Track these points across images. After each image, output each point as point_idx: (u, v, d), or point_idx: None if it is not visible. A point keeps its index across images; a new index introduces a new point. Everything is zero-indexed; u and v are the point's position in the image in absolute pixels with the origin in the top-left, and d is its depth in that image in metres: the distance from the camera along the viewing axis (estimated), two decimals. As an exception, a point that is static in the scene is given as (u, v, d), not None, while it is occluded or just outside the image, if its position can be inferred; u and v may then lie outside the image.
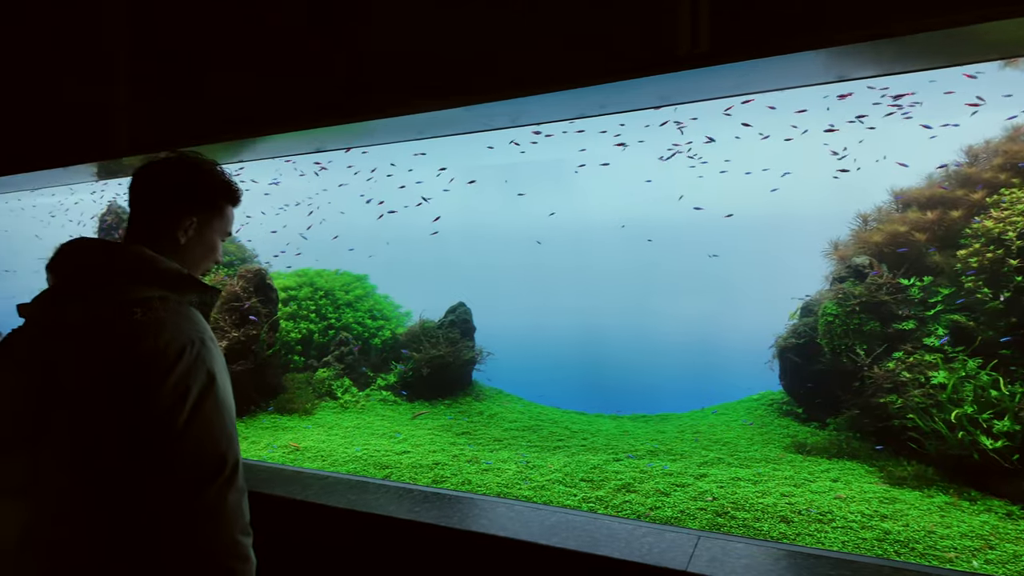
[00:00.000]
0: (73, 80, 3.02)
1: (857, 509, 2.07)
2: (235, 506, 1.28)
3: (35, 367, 1.32)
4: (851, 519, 2.03)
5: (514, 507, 2.28)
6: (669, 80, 1.85)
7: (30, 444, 1.29)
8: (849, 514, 2.05)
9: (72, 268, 1.46)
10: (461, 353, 3.39)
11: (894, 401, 2.45)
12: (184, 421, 1.22)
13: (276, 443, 3.00)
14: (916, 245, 2.78)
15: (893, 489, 2.25)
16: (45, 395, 1.30)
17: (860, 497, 2.17)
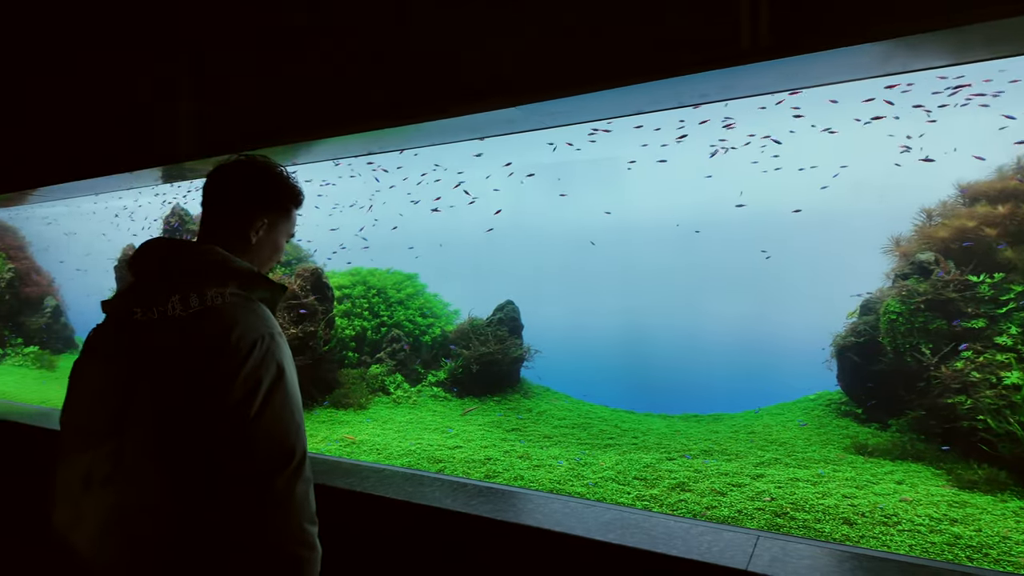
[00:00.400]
0: (143, 88, 3.18)
1: (924, 512, 2.01)
2: (303, 496, 1.33)
3: (119, 362, 1.40)
4: (918, 522, 1.97)
5: (568, 503, 2.29)
6: (729, 75, 1.84)
7: (117, 435, 1.38)
8: (916, 517, 1.99)
9: (151, 266, 1.55)
10: (509, 351, 3.42)
11: (963, 402, 2.36)
12: (255, 413, 1.27)
13: (333, 436, 3.09)
14: (985, 240, 2.67)
15: (963, 492, 2.17)
16: (129, 388, 1.38)
17: (927, 500, 2.10)
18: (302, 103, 2.66)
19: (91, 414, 1.41)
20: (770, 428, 2.89)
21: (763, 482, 2.34)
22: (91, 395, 1.43)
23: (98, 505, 1.36)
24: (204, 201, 1.65)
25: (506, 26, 2.10)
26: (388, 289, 3.78)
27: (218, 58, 2.92)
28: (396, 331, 3.58)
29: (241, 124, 2.86)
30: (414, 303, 3.77)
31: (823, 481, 2.29)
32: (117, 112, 3.34)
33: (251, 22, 2.79)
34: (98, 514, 1.37)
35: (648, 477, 2.47)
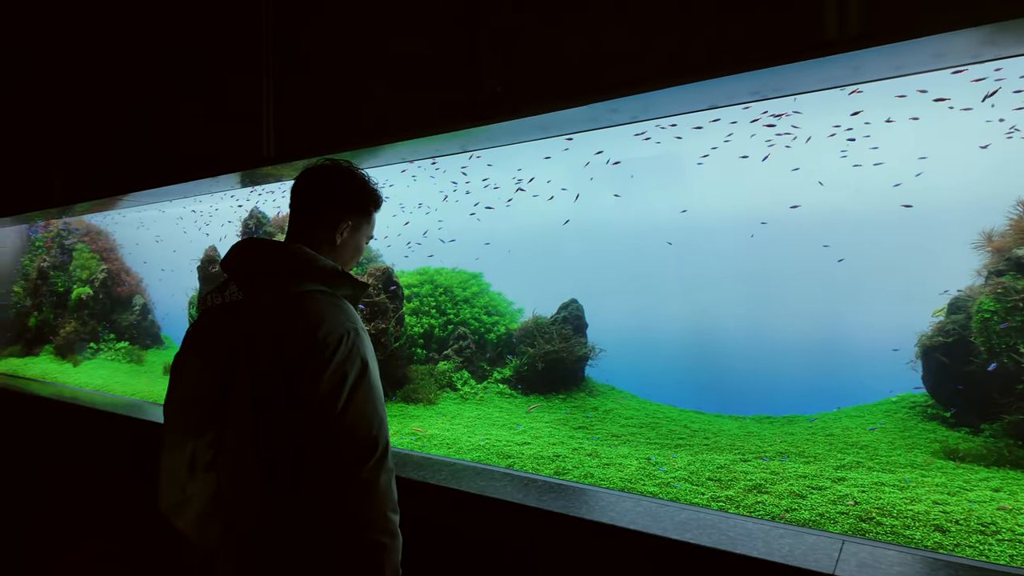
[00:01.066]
0: (228, 95, 3.36)
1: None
2: (386, 486, 1.40)
3: (218, 355, 1.50)
4: (1020, 532, 1.86)
5: (641, 502, 2.29)
6: (815, 66, 1.80)
7: (218, 424, 1.47)
8: (1017, 527, 1.89)
9: (243, 265, 1.65)
10: (574, 349, 3.43)
11: (1067, 407, 2.22)
12: (342, 406, 1.34)
13: (404, 430, 3.18)
14: (1090, 235, 2.50)
15: (1069, 503, 2.04)
16: (227, 381, 1.47)
17: (1029, 510, 1.98)
18: (374, 109, 2.74)
19: (193, 404, 1.52)
20: (849, 431, 2.79)
21: (845, 485, 2.26)
22: (192, 387, 1.53)
23: (201, 490, 1.47)
24: (292, 203, 1.75)
25: (583, 25, 2.10)
26: (454, 288, 3.85)
27: (295, 67, 3.05)
28: (462, 328, 3.65)
29: (318, 129, 2.98)
30: (479, 301, 3.83)
31: (910, 486, 2.19)
32: (204, 120, 3.53)
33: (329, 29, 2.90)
34: (201, 498, 1.47)
35: (722, 478, 2.43)
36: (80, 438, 4.20)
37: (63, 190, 4.74)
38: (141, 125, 3.99)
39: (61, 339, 5.95)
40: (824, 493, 2.21)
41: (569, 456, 2.73)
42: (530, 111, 2.29)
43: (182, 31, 3.66)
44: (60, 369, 5.66)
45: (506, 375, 3.58)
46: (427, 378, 3.53)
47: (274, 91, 3.19)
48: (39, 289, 6.37)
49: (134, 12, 3.99)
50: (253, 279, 1.56)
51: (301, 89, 3.04)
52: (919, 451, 2.48)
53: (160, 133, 3.85)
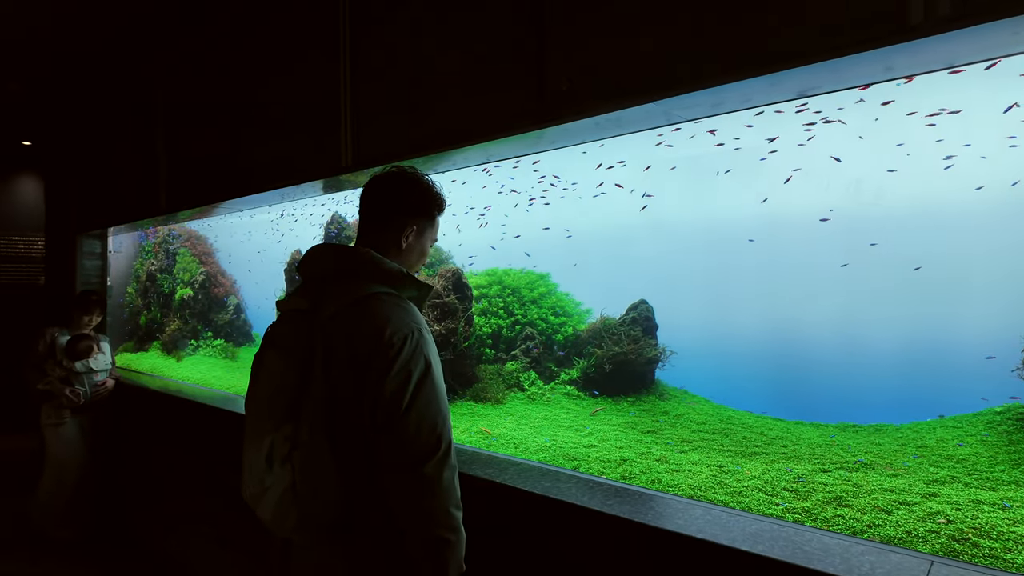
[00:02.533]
0: (310, 108, 3.56)
1: None
2: (449, 482, 1.45)
3: (296, 354, 1.59)
4: None
5: (711, 511, 2.22)
6: (899, 52, 1.68)
7: (294, 419, 1.56)
8: None
9: (317, 269, 1.75)
10: (643, 351, 3.36)
11: None
12: (407, 404, 1.41)
13: (473, 428, 3.24)
14: None
15: None
16: (303, 378, 1.56)
17: None
18: (445, 115, 2.81)
19: (272, 400, 1.61)
20: (944, 443, 2.57)
21: (937, 502, 2.09)
22: (271, 383, 1.63)
23: (278, 482, 1.56)
24: (361, 209, 1.84)
25: (657, 16, 2.06)
26: (522, 288, 3.87)
27: (371, 76, 3.19)
28: (529, 329, 3.67)
29: (392, 137, 3.10)
30: (546, 302, 3.83)
31: (1015, 506, 2.00)
32: (290, 132, 3.76)
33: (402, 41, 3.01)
34: (277, 490, 1.56)
35: (799, 489, 2.31)
36: (184, 428, 4.56)
37: (167, 200, 5.18)
38: (230, 141, 4.28)
39: (167, 336, 6.50)
40: (912, 509, 2.06)
41: (636, 460, 2.68)
42: (598, 109, 2.29)
43: (268, 53, 3.90)
44: (166, 364, 6.18)
45: (573, 376, 3.56)
46: (495, 378, 3.58)
47: (351, 102, 3.34)
48: (148, 290, 6.99)
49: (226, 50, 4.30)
50: (326, 283, 1.66)
51: (376, 98, 3.16)
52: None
53: (246, 146, 4.13)
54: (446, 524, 1.42)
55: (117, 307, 7.22)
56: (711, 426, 3.04)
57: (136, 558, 4.67)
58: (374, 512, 1.53)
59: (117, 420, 5.34)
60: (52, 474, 4.83)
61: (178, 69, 4.92)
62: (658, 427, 3.07)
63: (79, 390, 4.81)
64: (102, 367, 5.03)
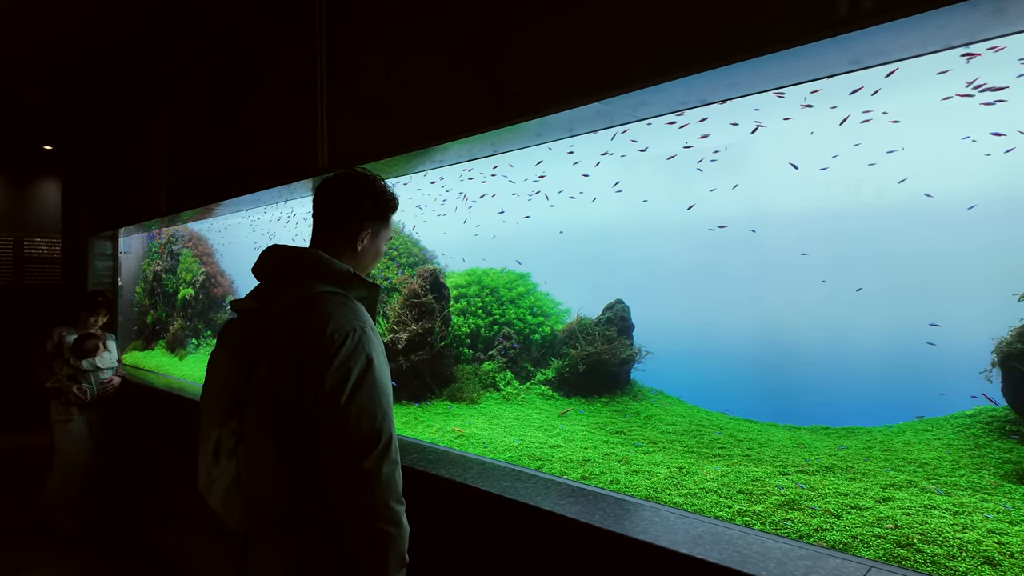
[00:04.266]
0: (290, 111, 3.61)
1: (1099, 562, 1.63)
2: (389, 476, 1.46)
3: (242, 352, 1.62)
4: (1088, 573, 1.60)
5: (660, 512, 2.21)
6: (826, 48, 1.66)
7: (239, 414, 1.59)
8: (1086, 566, 1.63)
9: (268, 270, 1.78)
10: (618, 351, 3.35)
11: None
12: (346, 399, 1.43)
13: (446, 428, 3.25)
14: None
15: None
16: (248, 374, 1.60)
17: (1106, 547, 1.70)
18: (413, 117, 2.84)
19: (219, 396, 1.65)
20: (911, 446, 2.51)
21: (889, 506, 2.05)
22: (219, 380, 1.67)
23: (224, 474, 1.59)
24: (315, 212, 1.86)
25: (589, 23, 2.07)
26: (500, 288, 3.88)
27: (346, 90, 3.24)
28: (507, 329, 3.67)
29: (364, 138, 3.14)
30: (524, 302, 3.83)
31: (965, 511, 1.95)
32: (275, 136, 3.82)
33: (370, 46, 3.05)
34: (224, 482, 1.59)
35: (755, 492, 2.28)
36: (184, 424, 4.67)
37: (166, 202, 5.30)
38: (220, 144, 4.37)
39: (171, 335, 6.65)
40: (863, 514, 2.02)
41: (598, 461, 2.67)
42: (550, 110, 2.30)
43: (253, 57, 3.98)
44: (170, 362, 6.32)
45: (549, 376, 3.56)
46: (472, 378, 3.59)
47: (328, 103, 3.39)
48: (154, 290, 7.16)
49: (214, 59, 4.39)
50: (276, 282, 1.69)
51: (351, 100, 3.21)
52: (987, 472, 2.19)
53: (235, 151, 4.21)
54: (386, 518, 1.44)
55: (128, 306, 7.41)
56: (680, 427, 3.01)
57: (139, 550, 4.80)
58: (318, 506, 1.54)
59: (123, 416, 5.49)
60: (61, 468, 4.98)
61: (177, 72, 5.03)
62: (627, 428, 3.05)
63: (86, 387, 4.95)
64: (108, 365, 5.16)
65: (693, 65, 1.78)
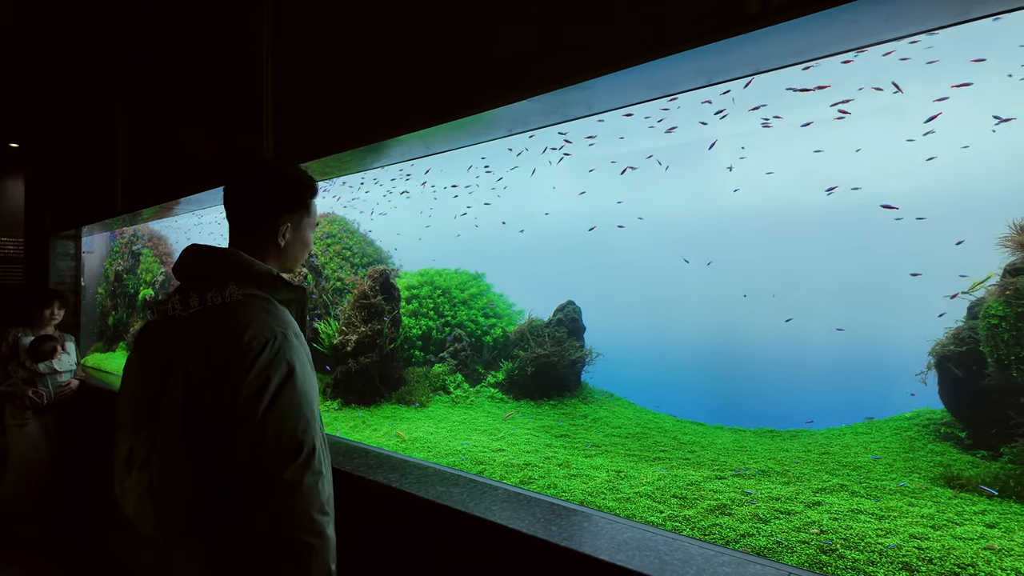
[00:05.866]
0: (237, 110, 3.54)
1: (1012, 566, 1.61)
2: (311, 487, 1.40)
3: (158, 356, 1.54)
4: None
5: (591, 517, 2.16)
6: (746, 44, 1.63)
7: (153, 423, 1.51)
8: (1000, 571, 1.60)
9: (188, 270, 1.69)
10: (568, 353, 3.30)
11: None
12: (264, 409, 1.36)
13: (393, 431, 3.19)
14: None
15: (1080, 547, 1.71)
16: (162, 381, 1.51)
17: (1021, 551, 1.68)
18: (358, 115, 2.79)
19: (134, 404, 1.57)
20: (849, 449, 2.50)
21: (817, 511, 2.02)
22: (135, 387, 1.59)
23: (135, 485, 1.52)
24: (228, 212, 1.76)
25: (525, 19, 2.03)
26: (453, 289, 3.82)
27: (291, 78, 3.16)
28: (458, 331, 3.62)
29: (311, 134, 3.09)
30: (478, 303, 3.78)
31: (891, 516, 1.93)
32: (218, 133, 3.74)
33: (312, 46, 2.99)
34: (136, 492, 1.52)
35: (688, 496, 2.25)
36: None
37: (123, 201, 5.19)
38: (173, 145, 4.29)
39: (131, 337, 6.51)
40: (791, 519, 1.99)
41: (539, 465, 2.63)
42: (486, 106, 2.25)
43: (202, 57, 3.90)
44: (131, 364, 6.18)
45: (499, 379, 3.51)
46: (422, 380, 3.53)
47: (273, 102, 3.32)
48: (116, 291, 7.01)
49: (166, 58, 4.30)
50: (197, 283, 1.61)
51: (296, 99, 3.14)
52: (918, 475, 2.17)
53: (186, 150, 4.12)
54: (309, 529, 1.38)
55: (90, 307, 7.26)
56: (626, 430, 2.98)
57: (92, 553, 4.69)
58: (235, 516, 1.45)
59: (82, 419, 5.36)
60: (15, 473, 4.83)
61: (133, 70, 4.93)
62: (573, 431, 3.01)
63: (42, 391, 4.81)
64: (67, 368, 5.02)
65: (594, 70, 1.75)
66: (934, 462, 2.24)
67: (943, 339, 2.44)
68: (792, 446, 2.64)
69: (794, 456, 2.52)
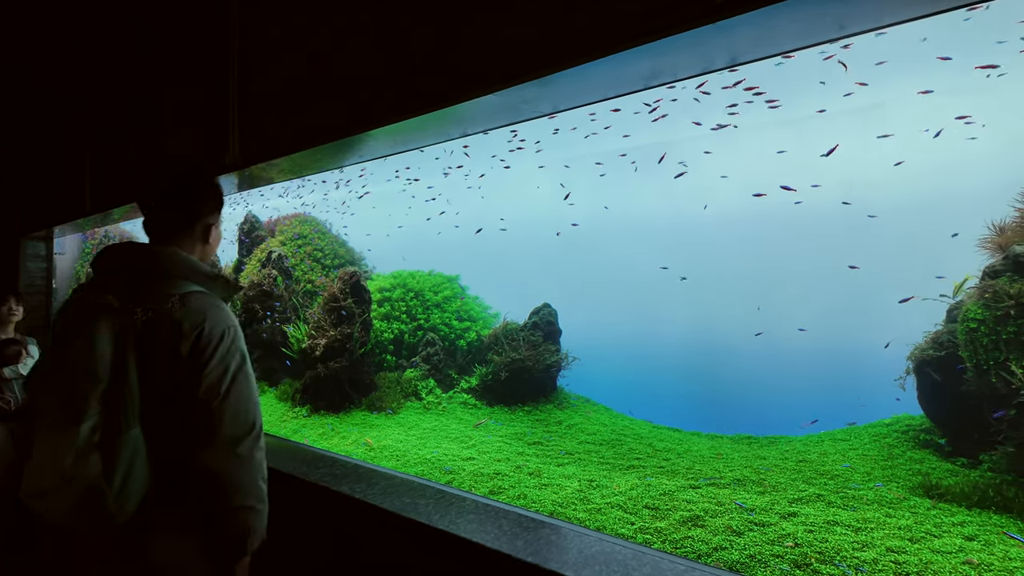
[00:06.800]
0: (202, 109, 3.45)
1: (992, 582, 1.54)
2: (259, 460, 1.59)
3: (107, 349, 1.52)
4: (979, 595, 1.51)
5: (559, 530, 2.07)
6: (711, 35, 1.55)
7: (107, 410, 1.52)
8: (979, 587, 1.53)
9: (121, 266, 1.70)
10: (543, 357, 3.21)
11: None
12: (224, 392, 1.50)
13: (361, 439, 3.09)
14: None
15: (1061, 560, 1.64)
16: (117, 370, 1.53)
17: (1001, 565, 1.61)
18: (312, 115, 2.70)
19: (78, 392, 1.53)
20: (826, 457, 2.43)
21: (793, 523, 1.94)
22: (77, 376, 1.54)
23: (84, 473, 1.49)
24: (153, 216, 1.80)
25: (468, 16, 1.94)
26: (426, 292, 3.72)
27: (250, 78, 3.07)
28: (431, 335, 3.51)
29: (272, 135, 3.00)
30: (451, 306, 3.68)
31: (867, 527, 1.85)
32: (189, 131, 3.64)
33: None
34: (83, 482, 1.49)
35: (661, 507, 2.16)
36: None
37: (91, 201, 5.05)
38: (137, 142, 4.17)
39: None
40: (766, 531, 1.91)
41: (509, 474, 2.54)
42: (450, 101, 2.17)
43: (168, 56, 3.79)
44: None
45: (472, 384, 3.41)
46: (393, 386, 3.42)
47: (238, 101, 3.23)
48: (89, 293, 6.78)
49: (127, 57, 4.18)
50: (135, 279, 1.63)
51: (260, 97, 3.06)
52: (896, 485, 2.10)
53: (149, 147, 4.00)
54: (256, 495, 1.55)
55: (62, 310, 7.06)
56: (601, 437, 2.89)
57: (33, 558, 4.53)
58: (182, 493, 1.56)
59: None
60: (-22, 479, 4.68)
61: (103, 70, 4.80)
62: (547, 438, 2.92)
63: (8, 397, 4.66)
64: (30, 372, 4.88)
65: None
66: (913, 470, 2.18)
67: (922, 343, 2.38)
68: (769, 453, 2.57)
69: (771, 464, 2.45)
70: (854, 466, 2.26)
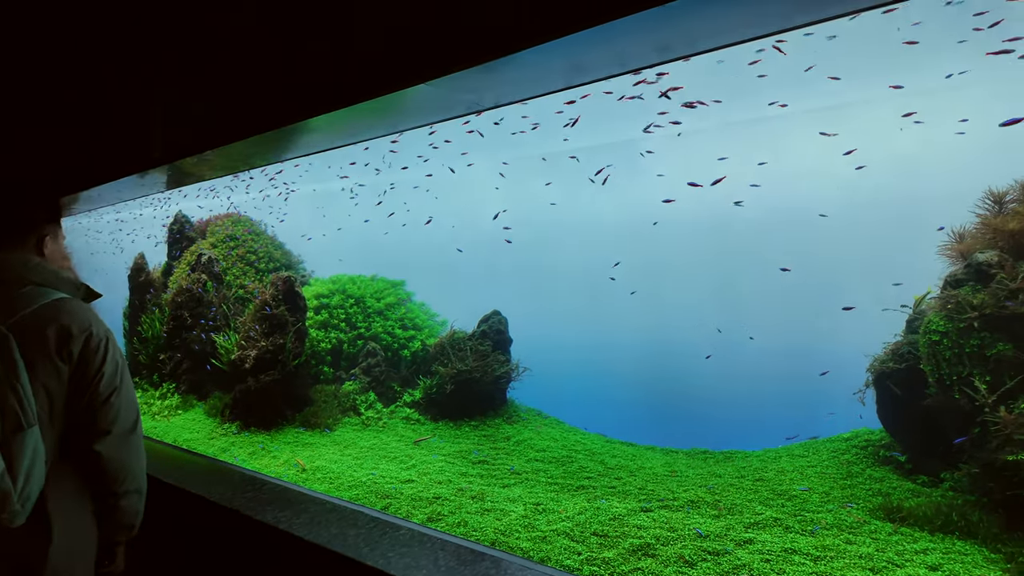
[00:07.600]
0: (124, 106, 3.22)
1: (960, 621, 1.42)
2: (143, 447, 1.76)
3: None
4: (949, 636, 1.39)
5: (500, 563, 1.90)
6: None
7: None
8: (947, 627, 1.41)
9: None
10: (491, 368, 3.03)
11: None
12: (113, 389, 1.64)
13: (293, 460, 2.84)
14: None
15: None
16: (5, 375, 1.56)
17: (969, 600, 1.50)
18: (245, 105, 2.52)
19: None
20: (784, 475, 2.31)
21: (748, 551, 1.80)
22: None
23: None
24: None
25: None
26: (367, 298, 3.49)
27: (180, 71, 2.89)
28: (372, 344, 3.28)
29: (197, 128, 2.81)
30: (394, 313, 3.46)
31: (827, 556, 1.72)
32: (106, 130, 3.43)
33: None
34: None
35: (610, 533, 2.00)
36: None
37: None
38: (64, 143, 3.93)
39: None
40: (720, 560, 1.76)
41: (450, 498, 2.33)
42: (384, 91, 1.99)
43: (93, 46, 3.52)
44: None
45: (416, 398, 3.20)
46: (330, 400, 3.18)
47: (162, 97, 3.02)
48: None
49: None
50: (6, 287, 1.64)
51: (184, 92, 2.85)
52: (856, 506, 1.99)
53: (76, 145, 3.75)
54: (143, 480, 1.72)
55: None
56: (551, 454, 2.72)
57: None
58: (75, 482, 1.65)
59: None
60: None
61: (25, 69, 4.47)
62: (494, 455, 2.73)
63: None
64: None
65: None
66: (873, 490, 2.07)
67: (881, 355, 2.28)
68: (725, 471, 2.44)
69: (725, 483, 2.31)
70: (812, 487, 2.14)
